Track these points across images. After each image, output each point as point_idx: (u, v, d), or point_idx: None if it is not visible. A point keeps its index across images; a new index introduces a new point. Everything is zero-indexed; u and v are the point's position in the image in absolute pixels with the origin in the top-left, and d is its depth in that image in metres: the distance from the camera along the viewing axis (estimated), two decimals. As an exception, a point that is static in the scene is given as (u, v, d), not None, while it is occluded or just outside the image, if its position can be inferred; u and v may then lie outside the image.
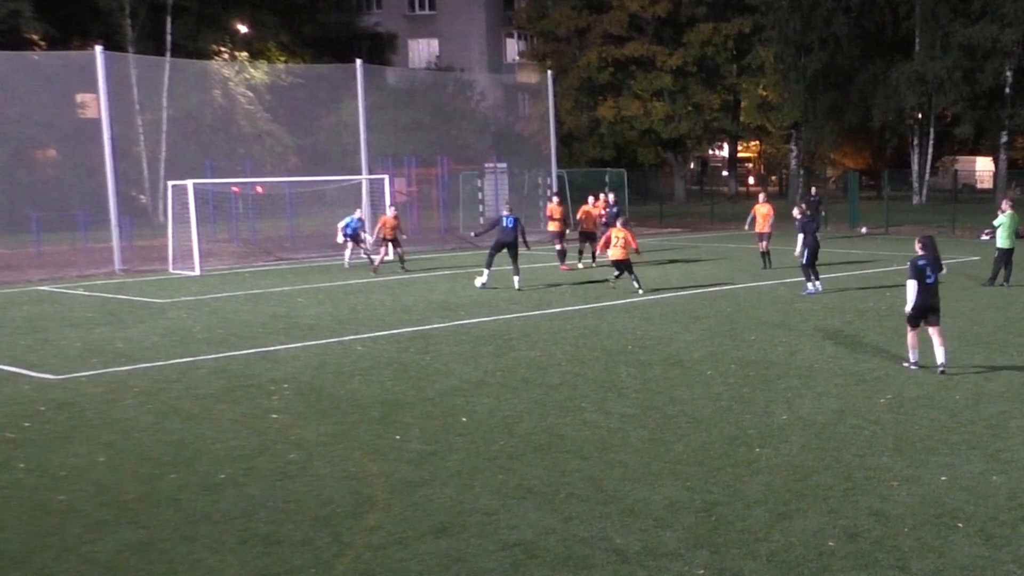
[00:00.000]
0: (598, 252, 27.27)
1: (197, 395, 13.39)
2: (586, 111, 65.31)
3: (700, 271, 27.68)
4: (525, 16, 70.78)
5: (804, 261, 22.13)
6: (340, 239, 29.91)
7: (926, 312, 13.95)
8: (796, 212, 23.15)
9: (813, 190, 39.07)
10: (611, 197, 30.55)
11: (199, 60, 50.63)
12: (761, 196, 29.11)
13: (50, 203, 40.95)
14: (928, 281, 13.92)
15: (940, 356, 13.91)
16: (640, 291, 22.48)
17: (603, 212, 30.16)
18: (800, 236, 22.13)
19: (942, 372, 13.82)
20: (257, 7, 57.34)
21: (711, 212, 50.31)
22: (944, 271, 14.42)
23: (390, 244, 28.41)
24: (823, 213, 38.03)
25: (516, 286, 23.57)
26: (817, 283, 22.34)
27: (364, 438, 11.15)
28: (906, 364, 14.38)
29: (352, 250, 29.79)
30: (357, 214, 29.83)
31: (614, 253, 22.97)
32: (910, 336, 14.24)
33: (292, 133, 53.14)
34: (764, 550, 7.83)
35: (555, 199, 30.22)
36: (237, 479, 9.80)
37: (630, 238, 22.90)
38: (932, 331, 13.98)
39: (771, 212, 28.15)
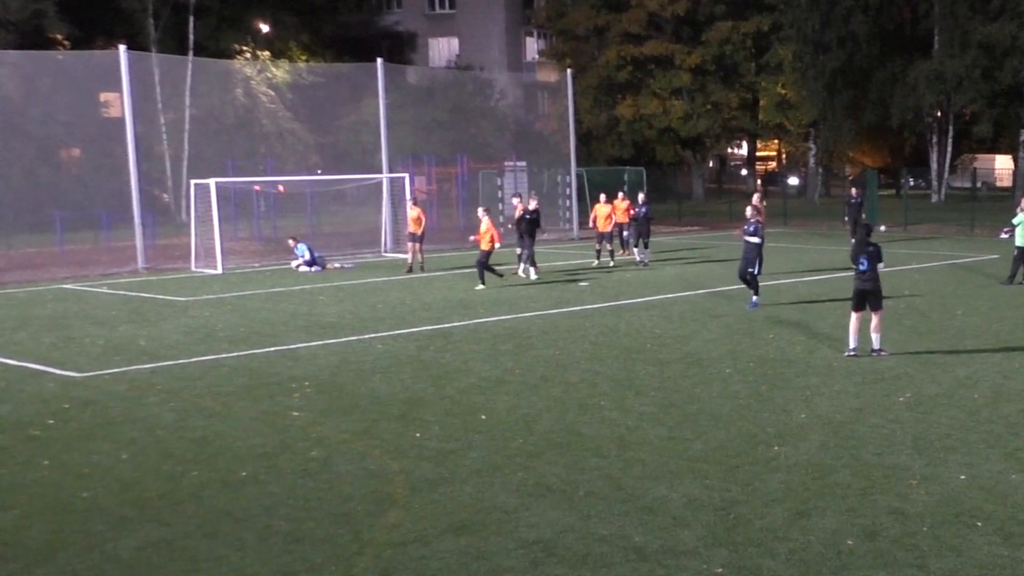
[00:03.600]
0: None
1: (219, 393, 13.49)
2: (605, 110, 65.18)
3: (718, 270, 27.59)
4: (544, 15, 70.75)
5: (757, 270, 20.04)
6: (295, 264, 29.15)
7: (866, 296, 14.79)
8: (749, 212, 20.05)
9: (854, 191, 38.51)
10: (640, 196, 30.45)
11: (221, 60, 50.77)
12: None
13: (74, 202, 41.25)
14: (861, 268, 14.72)
15: (875, 342, 14.90)
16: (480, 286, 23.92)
17: (632, 211, 30.28)
18: (757, 240, 19.78)
19: (874, 353, 14.85)
20: (278, 7, 57.55)
21: (729, 211, 50.14)
22: (882, 265, 14.98)
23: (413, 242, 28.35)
24: (864, 215, 37.50)
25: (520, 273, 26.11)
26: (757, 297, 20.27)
27: (384, 436, 11.22)
28: (847, 354, 15.00)
29: (299, 266, 29.01)
30: (305, 246, 29.38)
31: (484, 246, 24.51)
32: (853, 321, 15.00)
33: (313, 132, 53.33)
34: (783, 549, 7.86)
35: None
36: (258, 476, 9.89)
37: (495, 234, 24.48)
38: (873, 315, 14.92)
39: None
